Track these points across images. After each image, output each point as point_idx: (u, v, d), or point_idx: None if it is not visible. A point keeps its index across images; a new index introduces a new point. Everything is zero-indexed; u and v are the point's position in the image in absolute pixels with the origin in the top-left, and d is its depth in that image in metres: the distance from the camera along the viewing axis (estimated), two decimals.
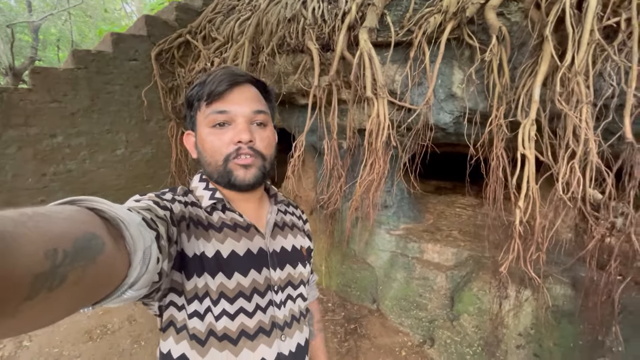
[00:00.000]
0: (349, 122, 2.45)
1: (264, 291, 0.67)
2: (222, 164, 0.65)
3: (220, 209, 0.69)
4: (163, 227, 0.50)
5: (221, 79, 0.63)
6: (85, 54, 3.33)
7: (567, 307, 2.02)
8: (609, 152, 1.65)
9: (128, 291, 0.40)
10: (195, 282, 0.60)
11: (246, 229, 0.69)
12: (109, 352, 2.27)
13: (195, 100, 0.66)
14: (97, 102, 3.46)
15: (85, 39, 12.58)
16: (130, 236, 0.39)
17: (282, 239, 0.76)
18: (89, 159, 3.50)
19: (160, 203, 0.56)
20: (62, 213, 0.32)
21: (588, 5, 1.49)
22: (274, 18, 2.71)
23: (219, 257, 0.63)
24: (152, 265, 0.43)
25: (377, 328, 2.62)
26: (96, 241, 0.33)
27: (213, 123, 0.64)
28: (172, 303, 0.61)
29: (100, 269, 0.33)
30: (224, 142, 0.64)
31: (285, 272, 0.72)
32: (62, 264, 0.28)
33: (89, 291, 0.33)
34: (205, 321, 0.60)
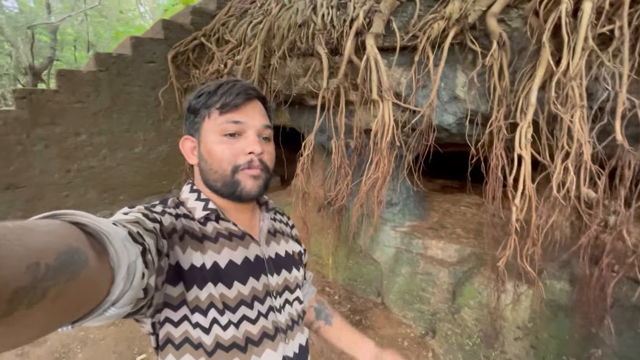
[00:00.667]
0: (356, 122, 2.56)
1: (263, 297, 0.68)
2: (229, 174, 0.66)
3: (214, 219, 0.69)
4: (152, 241, 0.49)
5: (238, 91, 0.65)
6: (107, 57, 3.53)
7: (564, 301, 2.11)
8: (603, 153, 1.73)
9: (111, 309, 0.39)
10: (197, 294, 0.60)
11: (241, 238, 0.69)
12: (131, 336, 2.44)
13: (203, 107, 0.67)
14: (117, 102, 3.65)
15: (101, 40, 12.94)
16: (115, 251, 0.38)
17: (276, 244, 0.77)
18: (109, 157, 3.70)
19: (150, 215, 0.56)
20: (45, 227, 0.31)
21: (582, 14, 1.57)
22: (286, 23, 2.84)
23: (218, 268, 0.63)
24: (137, 281, 0.42)
25: (381, 320, 2.74)
26: (79, 255, 0.32)
27: (225, 132, 0.65)
28: (167, 320, 0.59)
29: (83, 284, 0.32)
30: (234, 152, 0.65)
31: (282, 277, 0.74)
32: (44, 278, 0.27)
33: (69, 308, 0.32)
34: (211, 333, 0.60)
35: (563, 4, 1.64)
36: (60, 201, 3.44)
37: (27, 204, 3.25)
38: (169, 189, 4.28)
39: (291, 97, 3.02)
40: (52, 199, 3.39)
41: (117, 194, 3.84)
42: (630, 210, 1.63)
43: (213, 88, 0.67)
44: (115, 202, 3.84)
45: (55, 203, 3.41)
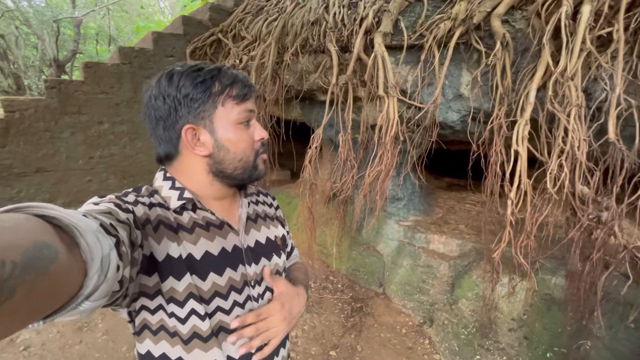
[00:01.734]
0: (363, 118, 2.67)
1: (241, 287, 0.68)
2: (252, 159, 0.69)
3: (191, 209, 0.67)
4: (125, 232, 0.48)
5: (245, 81, 0.67)
6: (129, 51, 3.72)
7: (558, 295, 2.18)
8: (599, 151, 1.79)
9: (85, 302, 0.38)
10: (172, 285, 0.59)
11: (219, 227, 0.68)
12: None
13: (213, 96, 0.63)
14: (139, 94, 3.85)
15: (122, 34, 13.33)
16: (86, 244, 0.37)
17: (256, 232, 0.76)
18: (129, 145, 3.91)
19: (122, 206, 0.55)
20: (7, 222, 0.30)
21: (581, 17, 1.64)
22: (299, 21, 2.96)
23: (192, 259, 0.62)
24: (112, 274, 0.41)
25: (382, 308, 2.85)
26: (49, 250, 0.31)
27: (242, 120, 0.66)
28: (143, 307, 0.59)
29: (53, 280, 0.31)
30: (252, 139, 0.68)
31: (261, 266, 0.73)
32: (11, 276, 0.26)
33: (40, 304, 0.31)
34: (188, 323, 0.60)
35: (563, 7, 1.71)
36: (83, 185, 3.67)
37: (54, 187, 3.48)
38: None
39: (302, 93, 3.14)
40: (76, 183, 3.63)
41: (136, 181, 4.06)
42: (621, 206, 1.69)
43: (210, 75, 0.64)
44: None
45: (79, 187, 3.64)
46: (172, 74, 0.64)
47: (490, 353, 2.22)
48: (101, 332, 2.40)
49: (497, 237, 2.07)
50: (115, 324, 2.48)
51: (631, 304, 1.90)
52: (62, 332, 2.38)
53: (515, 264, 2.02)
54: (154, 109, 0.66)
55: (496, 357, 2.20)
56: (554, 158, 1.78)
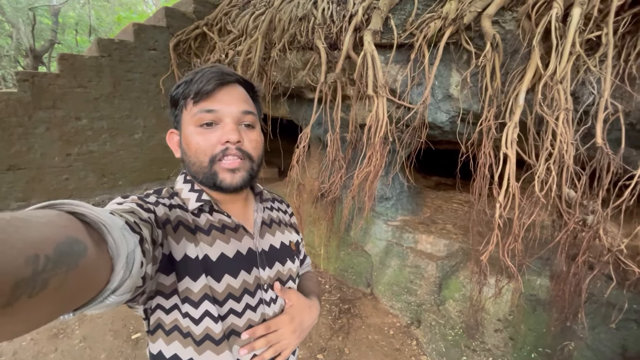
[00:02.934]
0: (352, 117, 2.62)
1: (254, 290, 0.67)
2: (207, 165, 0.63)
3: (208, 211, 0.68)
4: (147, 230, 0.49)
5: (209, 77, 0.61)
6: (109, 43, 3.56)
7: (543, 296, 2.20)
8: (585, 155, 1.80)
9: (111, 296, 0.39)
10: (188, 285, 0.60)
11: (235, 230, 0.69)
12: (127, 315, 2.53)
13: (181, 98, 0.64)
14: (119, 88, 3.69)
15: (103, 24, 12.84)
16: (113, 240, 0.39)
17: (271, 236, 0.76)
18: (109, 142, 3.76)
19: (144, 206, 0.56)
20: (42, 218, 0.32)
21: (571, 20, 1.63)
22: (287, 16, 2.88)
23: (208, 261, 0.62)
24: (136, 270, 0.42)
25: (369, 309, 2.84)
26: (78, 246, 0.32)
27: (200, 122, 0.62)
28: (159, 306, 0.60)
29: (83, 274, 0.32)
30: (210, 143, 0.62)
31: (275, 270, 0.73)
32: (44, 269, 0.28)
33: (70, 297, 0.32)
34: (201, 325, 0.60)
35: (554, 9, 1.69)
36: (60, 184, 3.50)
37: (28, 186, 3.31)
38: (167, 175, 4.35)
39: (290, 90, 3.07)
40: (52, 182, 3.46)
41: (117, 179, 3.91)
42: (607, 210, 1.70)
43: (190, 77, 0.63)
44: (115, 187, 3.91)
45: (55, 186, 3.47)
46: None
47: (476, 354, 2.23)
48: (78, 339, 2.29)
49: (484, 238, 2.07)
50: (93, 330, 2.38)
51: (614, 305, 1.93)
52: (36, 340, 2.26)
53: (502, 265, 2.02)
54: None
55: (482, 358, 2.21)
56: (541, 161, 1.78)
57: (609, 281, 1.88)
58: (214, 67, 0.64)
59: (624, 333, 1.91)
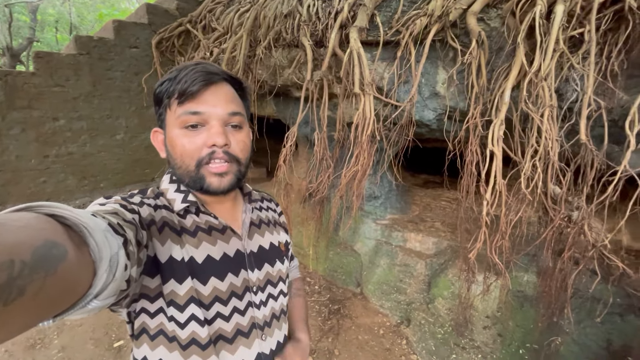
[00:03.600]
0: (339, 115, 2.59)
1: (242, 293, 0.66)
2: (194, 169, 0.61)
3: (194, 212, 0.66)
4: (131, 232, 0.47)
5: (195, 76, 0.58)
6: (88, 40, 3.43)
7: (530, 292, 2.22)
8: (570, 152, 1.81)
9: (93, 301, 0.38)
10: (173, 288, 0.58)
11: (222, 232, 0.67)
12: (109, 323, 2.44)
13: (165, 97, 0.61)
14: (99, 87, 3.57)
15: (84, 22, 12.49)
16: (95, 243, 0.37)
17: (260, 237, 0.74)
18: (89, 143, 3.63)
19: (128, 206, 0.54)
20: (18, 221, 0.30)
21: (555, 16, 1.63)
22: (272, 13, 2.82)
23: (194, 263, 0.61)
24: (120, 273, 0.41)
25: (359, 309, 2.81)
26: (57, 249, 0.31)
27: (185, 124, 0.60)
28: (143, 310, 0.58)
29: (62, 279, 0.31)
30: (196, 146, 0.60)
31: (264, 272, 0.71)
32: (20, 275, 0.26)
33: (49, 303, 0.31)
34: (187, 329, 0.59)
35: (537, 6, 1.69)
36: (37, 187, 3.36)
37: (3, 189, 3.16)
38: (151, 177, 4.24)
39: (276, 88, 3.02)
40: (29, 185, 3.32)
41: (98, 181, 3.78)
42: (591, 206, 1.72)
43: (174, 74, 0.60)
44: (96, 189, 3.78)
45: (32, 189, 3.33)
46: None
47: (465, 352, 2.23)
48: (56, 349, 2.20)
49: (472, 235, 2.07)
50: (72, 339, 2.28)
51: (598, 300, 1.95)
52: (11, 351, 2.16)
53: (490, 262, 2.02)
54: None
55: (472, 355, 2.21)
56: (527, 158, 1.78)
57: (594, 276, 1.90)
58: (199, 65, 0.60)
59: (608, 327, 1.94)
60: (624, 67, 1.69)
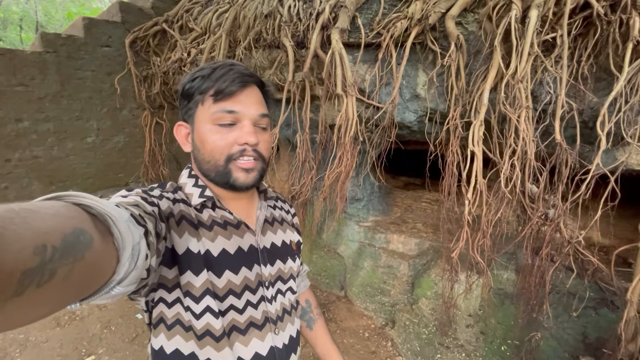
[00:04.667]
0: (322, 117, 2.57)
1: (255, 287, 0.68)
2: (223, 164, 0.64)
3: (210, 207, 0.69)
4: (151, 223, 0.49)
5: (233, 77, 0.62)
6: (55, 38, 3.25)
7: (510, 289, 2.27)
8: (545, 152, 1.87)
9: (116, 287, 0.40)
10: (189, 279, 0.60)
11: (236, 227, 0.69)
12: (78, 337, 2.28)
13: (197, 93, 0.64)
14: (67, 87, 3.38)
15: (52, 20, 11.92)
16: (119, 232, 0.39)
17: (272, 234, 0.77)
18: (57, 146, 3.42)
19: (148, 199, 0.56)
20: (49, 209, 0.32)
21: (529, 21, 1.69)
22: (252, 13, 2.78)
23: (209, 256, 0.63)
24: (141, 262, 0.43)
25: (344, 312, 2.79)
26: (84, 237, 0.33)
27: (218, 121, 0.63)
28: (161, 300, 0.61)
29: (89, 265, 0.33)
30: (227, 142, 0.63)
31: (276, 268, 0.74)
32: (51, 260, 0.28)
33: (77, 287, 0.33)
34: (202, 320, 0.61)
35: (513, 11, 1.75)
36: None
37: None
38: (125, 182, 4.05)
39: None
40: None
41: (66, 187, 3.56)
42: (566, 204, 1.78)
43: (207, 72, 0.63)
44: None
45: None
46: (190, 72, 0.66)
47: (450, 351, 2.25)
48: None
49: (453, 235, 2.09)
50: (37, 357, 2.11)
51: (574, 295, 2.02)
52: None
53: (471, 261, 2.05)
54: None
55: (455, 354, 2.23)
56: (506, 158, 1.82)
57: (569, 272, 1.97)
58: (235, 66, 0.64)
59: (583, 320, 2.01)
60: (593, 70, 1.77)
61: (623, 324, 1.58)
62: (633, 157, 1.88)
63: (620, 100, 1.67)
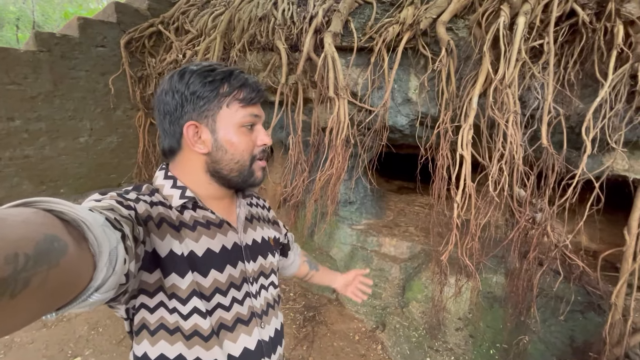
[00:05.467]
0: (314, 120, 2.59)
1: (239, 284, 0.69)
2: (248, 164, 0.68)
3: (191, 207, 0.69)
4: (128, 227, 0.48)
5: (256, 87, 0.68)
6: (49, 37, 3.24)
7: (499, 293, 2.28)
8: (533, 156, 1.90)
9: (94, 294, 0.39)
10: (175, 282, 0.60)
11: (219, 226, 0.70)
12: (64, 338, 2.26)
13: (219, 96, 0.65)
14: (61, 87, 3.37)
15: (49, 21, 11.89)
16: (94, 237, 0.38)
17: (253, 231, 0.79)
18: (48, 145, 3.40)
19: (124, 203, 0.56)
20: (18, 216, 0.31)
21: (517, 28, 1.72)
22: (246, 16, 2.80)
23: (194, 257, 0.63)
24: (119, 267, 0.42)
25: (335, 316, 2.78)
26: (58, 243, 0.32)
27: (245, 124, 0.67)
28: (143, 305, 0.60)
29: (64, 272, 0.32)
30: (251, 143, 0.68)
31: (258, 264, 0.76)
32: (25, 268, 0.27)
33: (53, 296, 0.32)
34: (189, 320, 0.61)
35: (501, 17, 1.78)
36: None
37: None
38: (118, 182, 4.02)
39: None
40: None
41: (58, 187, 3.54)
42: (553, 208, 1.80)
43: (220, 76, 0.65)
44: (55, 195, 3.52)
45: None
46: (184, 71, 0.65)
47: (439, 354, 2.25)
48: None
49: (444, 239, 2.10)
50: (22, 358, 2.08)
51: (561, 298, 2.03)
52: None
53: (461, 264, 2.06)
54: (163, 102, 0.67)
55: (445, 357, 2.23)
56: (494, 162, 1.84)
57: (557, 276, 1.98)
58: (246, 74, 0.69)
59: (571, 324, 2.02)
60: (579, 77, 1.81)
61: (608, 328, 1.60)
62: (619, 163, 1.91)
63: (605, 106, 1.70)
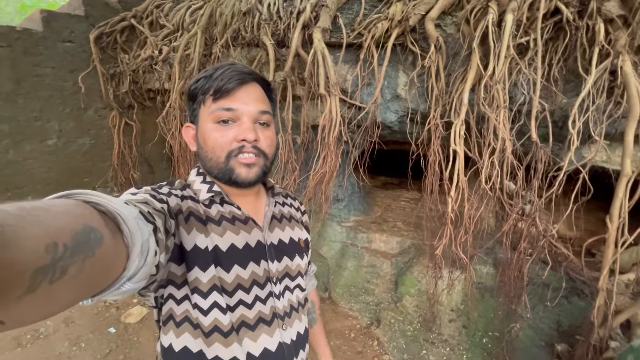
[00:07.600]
0: (303, 117, 2.54)
1: (263, 283, 0.69)
2: (223, 160, 0.65)
3: (219, 202, 0.70)
4: (160, 220, 0.50)
5: (230, 75, 0.63)
6: (9, 31, 2.98)
7: (490, 283, 2.36)
8: (521, 150, 1.96)
9: (127, 283, 0.41)
10: (197, 276, 0.61)
11: (244, 222, 0.70)
12: (42, 357, 2.09)
13: (200, 93, 0.66)
14: (24, 85, 3.11)
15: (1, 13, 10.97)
16: (128, 229, 0.40)
17: (280, 231, 0.77)
18: (13, 149, 3.14)
19: (157, 196, 0.57)
20: (59, 207, 0.32)
21: (505, 25, 1.76)
22: (229, 10, 2.70)
23: (218, 251, 0.64)
24: (150, 258, 0.44)
25: (329, 314, 2.76)
26: (95, 234, 0.33)
27: (218, 119, 0.65)
28: (170, 296, 0.61)
29: (99, 261, 0.34)
30: (227, 139, 0.65)
31: (283, 264, 0.74)
32: (63, 257, 0.29)
33: (88, 283, 0.34)
34: (209, 316, 0.61)
35: (489, 14, 1.81)
36: None
37: None
38: (92, 186, 3.78)
39: None
40: None
41: (24, 194, 3.27)
42: (541, 200, 1.86)
43: (210, 72, 0.65)
44: None
45: None
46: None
47: (434, 346, 2.29)
48: None
49: (436, 233, 2.14)
50: None
51: (548, 285, 2.13)
52: None
53: (454, 257, 2.10)
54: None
55: (440, 349, 2.27)
56: (486, 157, 1.88)
57: (544, 265, 2.07)
58: (234, 65, 0.66)
59: (557, 310, 2.12)
60: (563, 73, 1.88)
61: (595, 311, 1.68)
62: (598, 154, 2.01)
63: (587, 100, 1.78)
